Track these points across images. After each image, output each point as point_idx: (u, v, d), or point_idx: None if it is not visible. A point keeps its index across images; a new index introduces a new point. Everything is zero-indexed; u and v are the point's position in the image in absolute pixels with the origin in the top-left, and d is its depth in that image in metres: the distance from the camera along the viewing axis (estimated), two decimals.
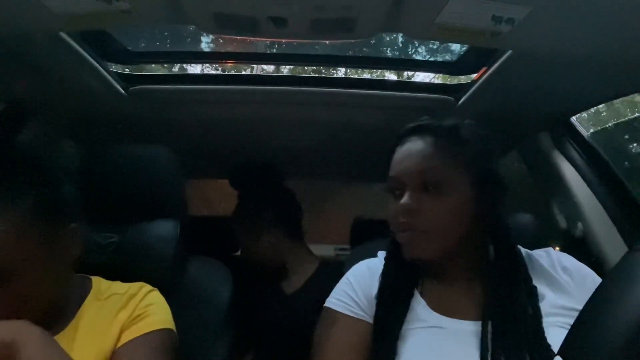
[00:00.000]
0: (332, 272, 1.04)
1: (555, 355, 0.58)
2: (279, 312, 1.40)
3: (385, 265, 0.83)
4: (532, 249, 0.85)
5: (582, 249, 1.21)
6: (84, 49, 1.04)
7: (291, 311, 1.37)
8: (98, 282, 0.82)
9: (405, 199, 0.76)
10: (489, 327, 0.71)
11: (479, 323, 0.73)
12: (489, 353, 0.69)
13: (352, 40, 0.85)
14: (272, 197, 1.48)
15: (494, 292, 0.75)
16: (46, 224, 0.67)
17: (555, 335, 0.69)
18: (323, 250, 2.33)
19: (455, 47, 1.52)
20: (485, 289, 0.76)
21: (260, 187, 1.49)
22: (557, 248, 1.25)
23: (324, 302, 0.86)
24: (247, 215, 1.47)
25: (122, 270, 0.96)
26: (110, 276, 0.97)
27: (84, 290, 0.79)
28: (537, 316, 0.72)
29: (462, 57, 1.29)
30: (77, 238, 0.73)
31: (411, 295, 0.79)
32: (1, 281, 0.62)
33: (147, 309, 0.77)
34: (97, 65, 1.13)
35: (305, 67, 2.21)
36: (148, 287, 0.82)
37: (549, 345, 0.68)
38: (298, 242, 1.51)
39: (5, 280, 0.62)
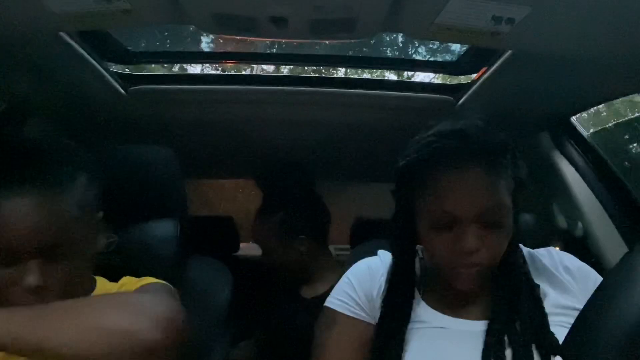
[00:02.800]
0: None
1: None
2: (297, 316, 1.34)
3: (394, 272, 0.80)
4: (532, 249, 0.85)
5: (582, 249, 1.21)
6: (84, 49, 1.04)
7: (310, 315, 1.34)
8: (102, 282, 0.83)
9: (470, 240, 0.68)
10: (494, 327, 0.71)
11: (482, 322, 0.73)
12: (493, 352, 0.69)
13: (352, 40, 0.84)
14: (305, 203, 1.41)
15: (498, 292, 0.75)
16: (86, 208, 0.72)
17: (558, 334, 0.69)
18: None
19: (455, 47, 1.52)
20: (488, 289, 0.76)
21: (293, 192, 1.41)
22: (558, 248, 1.24)
23: None
24: (275, 220, 1.39)
25: (122, 270, 0.96)
26: (110, 276, 0.97)
27: (90, 289, 0.80)
28: (542, 313, 0.72)
29: (462, 57, 1.29)
30: (104, 227, 0.78)
31: (413, 297, 0.78)
32: (49, 256, 0.65)
33: (145, 278, 0.79)
34: (97, 65, 1.13)
35: (305, 67, 2.21)
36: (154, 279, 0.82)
37: (556, 340, 0.68)
38: (324, 248, 1.46)
39: (52, 256, 0.66)
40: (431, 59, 2.13)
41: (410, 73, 2.53)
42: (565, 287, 0.76)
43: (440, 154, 0.70)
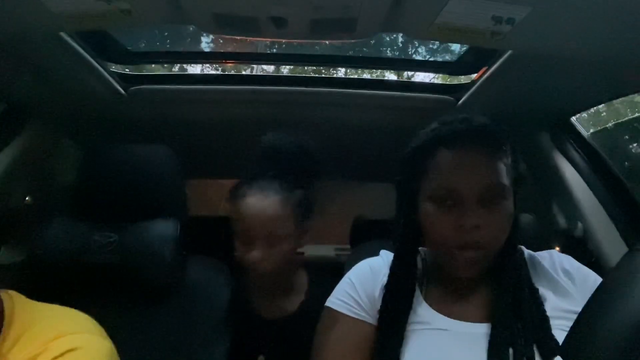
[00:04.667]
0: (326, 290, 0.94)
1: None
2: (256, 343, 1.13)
3: (395, 269, 0.80)
4: (532, 249, 0.85)
5: (582, 249, 1.20)
6: (84, 49, 1.04)
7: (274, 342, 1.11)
8: (10, 304, 0.64)
9: (471, 216, 0.71)
10: (498, 329, 0.71)
11: (483, 325, 0.73)
12: (497, 354, 0.69)
13: (352, 40, 0.84)
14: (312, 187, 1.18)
15: (500, 294, 0.75)
16: None
17: (558, 338, 0.69)
18: (323, 250, 2.33)
19: (455, 47, 1.52)
20: (489, 291, 0.76)
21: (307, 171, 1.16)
22: (557, 248, 1.24)
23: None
24: (294, 199, 1.11)
25: (121, 270, 0.96)
26: (110, 276, 0.98)
27: None
28: (544, 316, 0.72)
29: (462, 57, 1.29)
30: None
31: (414, 298, 0.78)
32: None
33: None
34: (97, 65, 1.13)
35: (305, 67, 2.21)
36: (69, 343, 0.62)
37: (557, 341, 0.68)
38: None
39: None
40: (431, 59, 2.14)
41: (410, 73, 2.54)
42: (565, 290, 0.76)
43: (445, 136, 0.75)
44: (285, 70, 2.30)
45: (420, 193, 0.77)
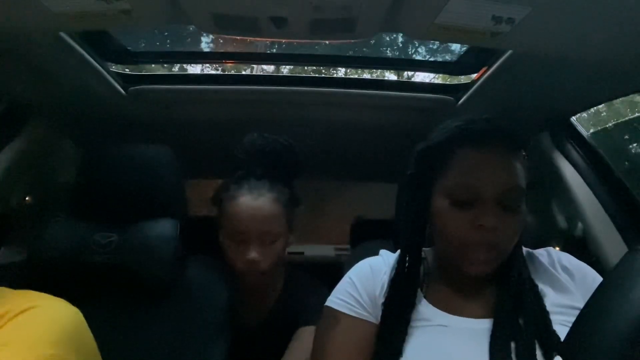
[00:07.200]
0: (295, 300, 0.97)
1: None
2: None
3: (401, 265, 0.81)
4: (532, 249, 0.85)
5: (582, 249, 1.21)
6: (84, 49, 1.04)
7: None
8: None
9: (491, 216, 0.71)
10: (500, 325, 0.71)
11: (484, 321, 0.73)
12: (500, 350, 0.69)
13: (352, 40, 0.84)
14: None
15: (502, 291, 0.75)
16: None
17: (558, 332, 0.69)
18: (323, 250, 2.33)
19: (455, 47, 1.52)
20: (491, 288, 0.77)
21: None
22: (558, 248, 1.24)
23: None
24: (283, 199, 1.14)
25: (121, 270, 0.96)
26: (110, 276, 0.97)
27: None
28: (544, 311, 0.72)
29: (462, 57, 1.29)
30: None
31: (416, 295, 0.78)
32: None
33: (9, 338, 0.59)
34: (97, 65, 1.13)
35: (305, 67, 2.21)
36: (30, 302, 0.63)
37: (558, 337, 0.69)
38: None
39: None
40: (431, 59, 2.14)
41: (410, 73, 2.54)
42: (564, 286, 0.76)
43: (469, 134, 0.75)
44: (285, 70, 2.30)
45: (435, 189, 0.77)
